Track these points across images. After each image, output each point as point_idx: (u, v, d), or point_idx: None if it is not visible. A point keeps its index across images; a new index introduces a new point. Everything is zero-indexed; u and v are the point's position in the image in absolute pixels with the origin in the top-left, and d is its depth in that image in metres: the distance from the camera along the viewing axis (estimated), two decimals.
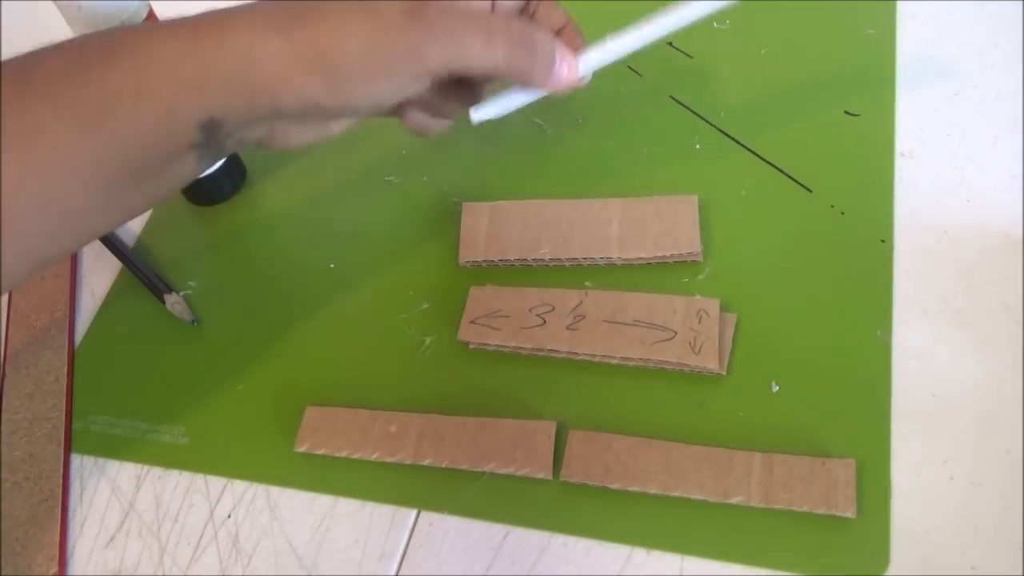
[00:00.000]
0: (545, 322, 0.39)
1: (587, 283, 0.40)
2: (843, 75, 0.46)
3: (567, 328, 0.39)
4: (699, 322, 0.38)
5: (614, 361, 0.38)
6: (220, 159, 0.44)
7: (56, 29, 0.41)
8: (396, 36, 0.31)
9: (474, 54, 0.32)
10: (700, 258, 0.40)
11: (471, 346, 0.40)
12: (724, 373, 0.37)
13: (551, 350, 0.39)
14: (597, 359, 0.39)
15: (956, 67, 0.45)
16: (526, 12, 0.37)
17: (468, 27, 0.31)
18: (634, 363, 0.38)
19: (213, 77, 0.30)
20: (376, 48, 0.31)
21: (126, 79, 0.30)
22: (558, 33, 0.37)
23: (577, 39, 0.37)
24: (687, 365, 0.37)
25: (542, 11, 0.37)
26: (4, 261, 0.30)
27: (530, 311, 0.40)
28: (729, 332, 0.38)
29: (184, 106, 0.31)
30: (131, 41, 0.30)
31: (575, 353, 0.39)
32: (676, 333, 0.38)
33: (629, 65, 0.49)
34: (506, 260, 0.42)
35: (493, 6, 0.35)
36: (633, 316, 0.39)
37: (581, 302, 0.40)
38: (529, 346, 0.39)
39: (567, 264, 0.41)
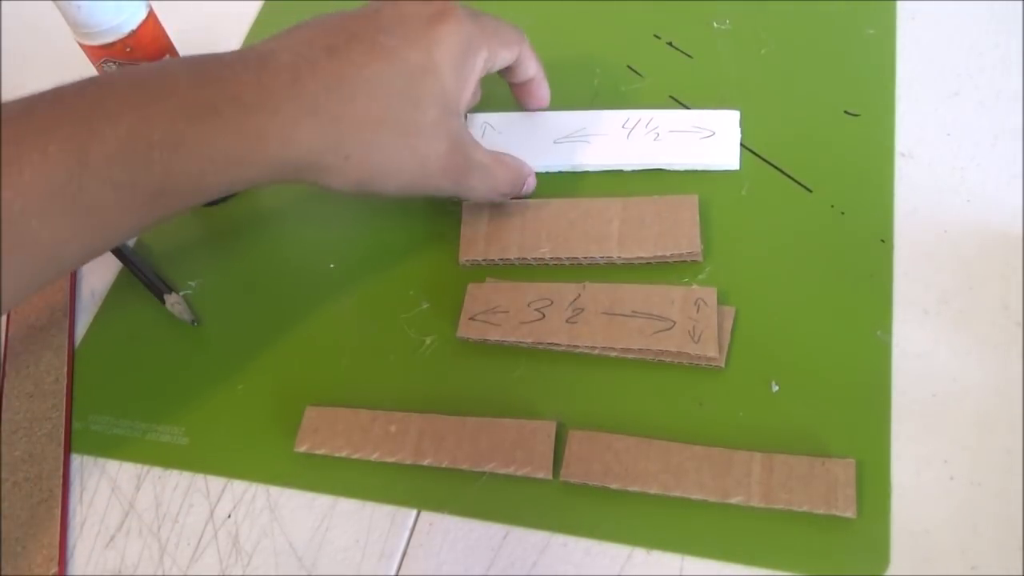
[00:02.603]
0: (544, 316, 0.39)
1: (587, 282, 0.40)
2: (843, 75, 0.46)
3: (566, 321, 0.39)
4: (697, 311, 0.38)
5: (614, 353, 0.38)
6: None
7: (56, 29, 0.41)
8: (431, 181, 0.38)
9: (478, 196, 0.41)
10: (700, 258, 0.40)
11: (471, 340, 0.40)
12: (723, 364, 0.37)
13: (551, 344, 0.39)
14: (597, 352, 0.39)
15: (956, 67, 0.45)
16: (512, 65, 0.42)
17: (481, 182, 0.40)
18: (634, 355, 0.38)
19: (269, 171, 0.34)
20: (411, 187, 0.38)
21: (189, 172, 0.32)
22: (529, 82, 0.44)
23: (544, 87, 0.45)
24: (686, 354, 0.37)
25: (523, 64, 0.42)
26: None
27: (528, 306, 0.40)
28: (728, 324, 0.38)
29: (237, 186, 0.35)
30: (196, 131, 0.32)
31: (575, 346, 0.39)
32: (675, 323, 0.38)
33: (629, 65, 0.49)
34: (506, 259, 0.42)
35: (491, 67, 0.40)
36: (631, 307, 0.39)
37: (579, 295, 0.40)
38: (529, 340, 0.39)
39: (567, 263, 0.42)
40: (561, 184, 0.45)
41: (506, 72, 0.43)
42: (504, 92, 0.49)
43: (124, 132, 0.31)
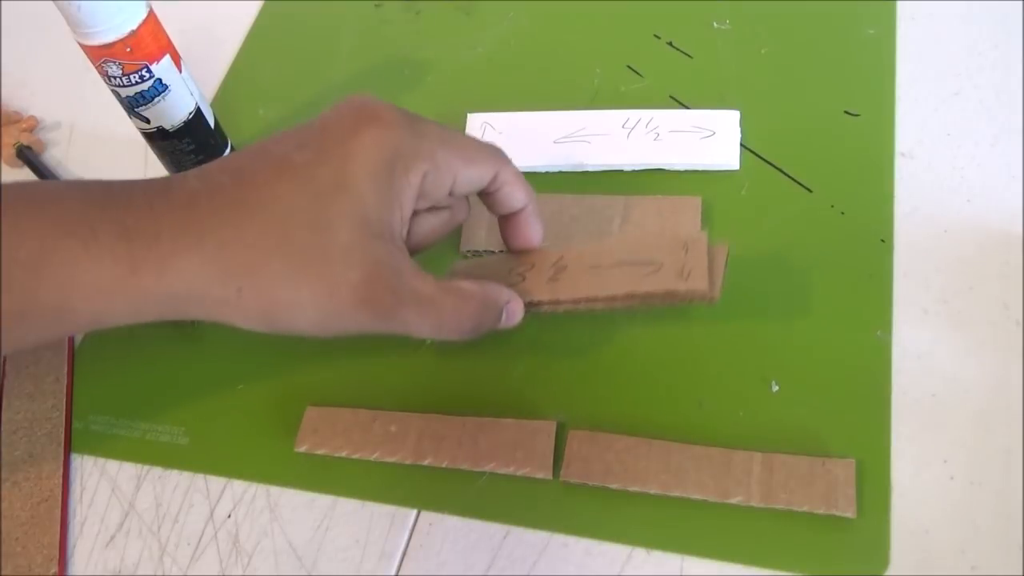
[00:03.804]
0: (525, 279, 0.37)
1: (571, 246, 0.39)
2: (843, 75, 0.46)
3: (548, 280, 0.37)
4: (686, 253, 0.35)
5: (599, 305, 0.36)
6: None
7: (56, 29, 0.41)
8: (346, 317, 0.31)
9: (424, 334, 0.33)
10: None
11: None
12: (717, 296, 0.34)
13: (533, 302, 0.36)
14: (582, 306, 0.36)
15: (956, 67, 0.45)
16: (489, 190, 0.36)
17: (420, 318, 0.32)
18: (621, 303, 0.35)
19: (147, 306, 0.31)
20: (323, 322, 0.32)
21: (52, 297, 0.30)
22: (515, 215, 0.37)
23: (535, 225, 0.37)
24: (676, 293, 0.34)
25: (506, 190, 0.36)
26: None
27: (510, 271, 0.38)
28: (721, 259, 0.35)
29: (111, 319, 0.31)
30: (64, 251, 0.29)
31: (557, 301, 0.36)
32: (663, 264, 0.35)
33: (629, 65, 0.49)
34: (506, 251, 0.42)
35: (452, 187, 0.34)
36: (617, 258, 0.36)
37: (562, 256, 0.37)
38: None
39: None
40: (561, 184, 0.45)
41: (485, 199, 0.36)
42: (504, 92, 0.49)
43: None
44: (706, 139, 0.44)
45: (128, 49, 0.40)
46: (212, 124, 0.45)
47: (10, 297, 0.29)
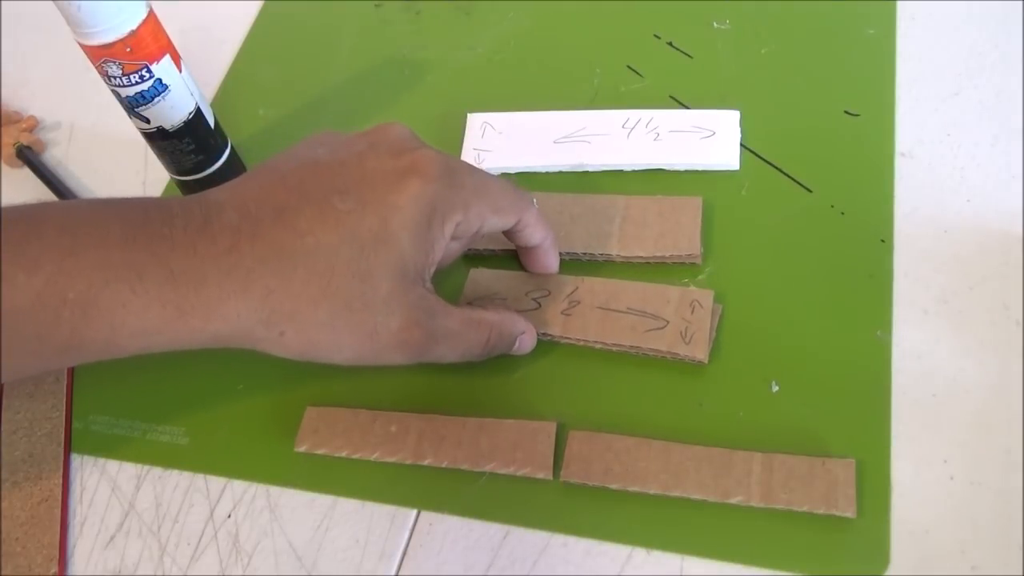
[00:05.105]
0: (540, 306, 0.40)
1: (585, 277, 0.40)
2: (843, 75, 0.46)
3: (561, 313, 0.39)
4: (692, 312, 0.38)
5: (598, 347, 0.39)
6: None
7: (56, 29, 0.41)
8: (384, 356, 0.34)
9: (449, 361, 0.36)
10: (699, 260, 0.40)
11: None
12: (707, 362, 0.37)
13: (544, 334, 0.39)
14: (582, 344, 0.39)
15: (956, 67, 0.45)
16: (512, 232, 0.38)
17: (450, 350, 0.36)
18: (622, 350, 0.38)
19: (191, 342, 0.32)
20: (360, 360, 0.34)
21: (100, 334, 0.31)
22: (533, 248, 0.39)
23: (551, 257, 0.40)
24: (675, 354, 0.37)
25: (527, 232, 0.38)
26: None
27: (526, 295, 0.40)
28: (714, 321, 0.38)
29: (156, 350, 0.33)
30: (112, 294, 0.30)
31: (567, 337, 0.39)
32: (668, 322, 0.38)
33: (629, 65, 0.49)
34: (507, 249, 0.42)
35: (479, 231, 0.36)
36: (627, 304, 0.39)
37: (577, 288, 0.40)
38: None
39: (566, 258, 0.42)
40: (561, 184, 0.45)
41: (507, 233, 0.38)
42: (504, 92, 0.49)
43: (40, 284, 0.30)
44: (706, 139, 0.44)
45: (128, 49, 0.40)
46: (212, 124, 0.45)
47: (59, 334, 0.31)
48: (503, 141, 0.46)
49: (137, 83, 0.41)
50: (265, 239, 0.32)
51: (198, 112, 0.44)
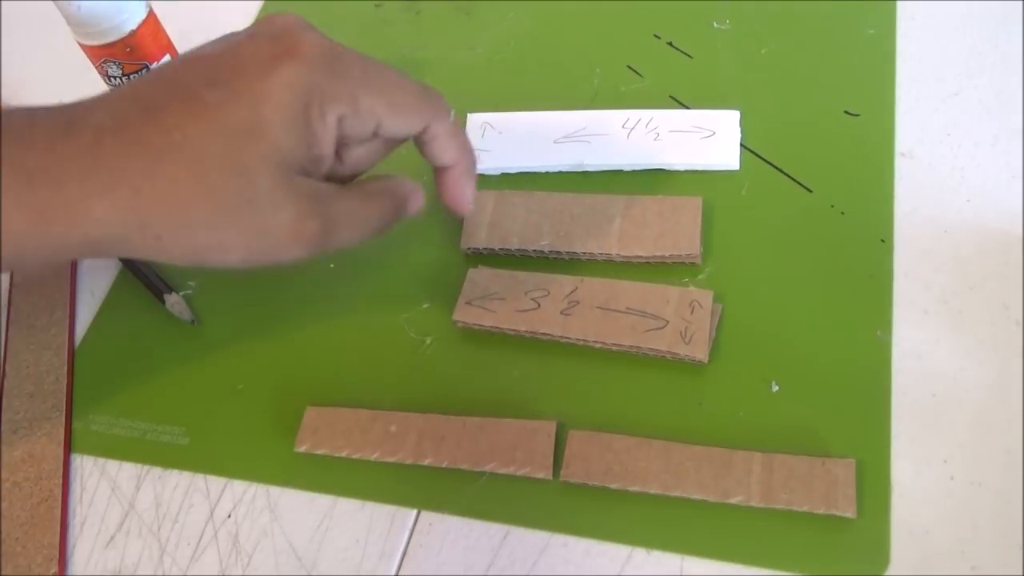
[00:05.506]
0: (539, 306, 0.40)
1: (585, 277, 0.40)
2: (843, 75, 0.46)
3: (561, 313, 0.39)
4: (691, 312, 0.38)
5: (598, 346, 0.39)
6: None
7: (56, 29, 0.41)
8: (281, 252, 0.31)
9: (351, 245, 0.33)
10: (699, 260, 0.40)
11: (459, 324, 0.40)
12: (707, 361, 0.37)
13: (543, 333, 0.39)
14: (581, 344, 0.39)
15: (956, 67, 0.45)
16: (419, 140, 0.35)
17: (351, 232, 0.33)
18: (622, 349, 0.38)
19: (65, 249, 0.30)
20: (255, 258, 0.31)
21: None
22: (444, 170, 0.36)
23: (461, 186, 0.36)
24: (675, 354, 0.37)
25: (435, 144, 0.35)
26: None
27: (526, 295, 0.40)
28: (714, 321, 0.38)
29: (28, 262, 0.30)
30: None
31: (567, 337, 0.39)
32: (667, 322, 0.38)
33: (629, 65, 0.49)
34: (506, 249, 0.42)
35: (377, 131, 0.33)
36: (626, 304, 0.39)
37: (576, 288, 0.40)
38: (522, 328, 0.39)
39: (566, 257, 0.42)
40: (561, 184, 0.45)
41: (417, 146, 0.35)
42: (504, 92, 0.49)
43: None
44: (706, 139, 0.44)
45: (128, 49, 0.40)
46: None
47: None
48: (503, 141, 0.46)
49: None
50: (129, 135, 0.29)
51: None
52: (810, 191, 0.42)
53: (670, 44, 0.49)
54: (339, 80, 0.31)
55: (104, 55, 0.40)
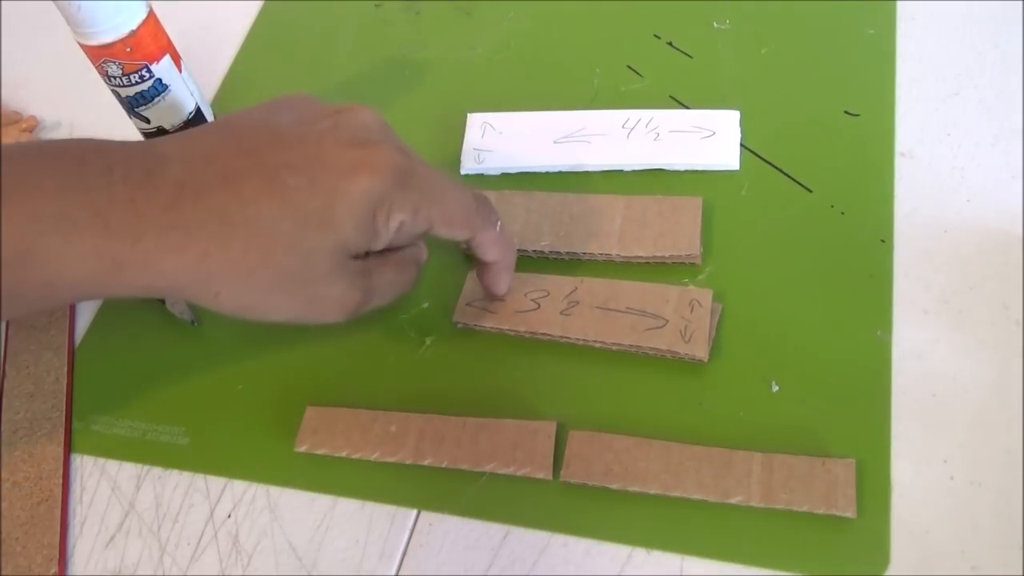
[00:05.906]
0: (539, 307, 0.40)
1: (585, 277, 0.40)
2: (843, 75, 0.46)
3: (560, 313, 0.39)
4: (691, 311, 0.38)
5: (598, 346, 0.39)
6: None
7: (56, 29, 0.41)
8: (326, 318, 0.35)
9: (383, 306, 0.37)
10: (699, 261, 0.40)
11: (459, 325, 0.40)
12: (707, 360, 0.37)
13: (543, 334, 0.39)
14: (581, 343, 0.39)
15: (956, 67, 0.45)
16: (463, 244, 0.38)
17: (383, 298, 0.36)
18: (622, 349, 0.38)
19: (128, 293, 0.32)
20: (299, 320, 0.34)
21: (38, 285, 0.31)
22: (485, 267, 0.39)
23: (499, 279, 0.39)
24: (675, 353, 0.37)
25: (479, 250, 0.38)
26: None
27: (525, 295, 0.40)
28: (714, 320, 0.38)
29: (95, 298, 0.34)
30: (47, 246, 0.30)
31: (566, 337, 0.39)
32: (667, 321, 0.38)
33: (629, 65, 0.49)
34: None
35: (427, 233, 0.35)
36: (626, 304, 0.39)
37: (576, 288, 0.40)
38: (522, 329, 0.39)
39: (566, 257, 0.42)
40: (561, 184, 0.45)
41: (464, 244, 0.38)
42: (504, 92, 0.49)
43: None
44: (706, 139, 0.44)
45: (128, 49, 0.40)
46: None
47: None
48: (503, 141, 0.46)
49: (137, 83, 0.41)
50: (208, 201, 0.31)
51: (198, 112, 0.44)
52: (810, 191, 0.42)
53: (670, 44, 0.49)
54: (407, 193, 0.33)
55: (104, 55, 0.40)
